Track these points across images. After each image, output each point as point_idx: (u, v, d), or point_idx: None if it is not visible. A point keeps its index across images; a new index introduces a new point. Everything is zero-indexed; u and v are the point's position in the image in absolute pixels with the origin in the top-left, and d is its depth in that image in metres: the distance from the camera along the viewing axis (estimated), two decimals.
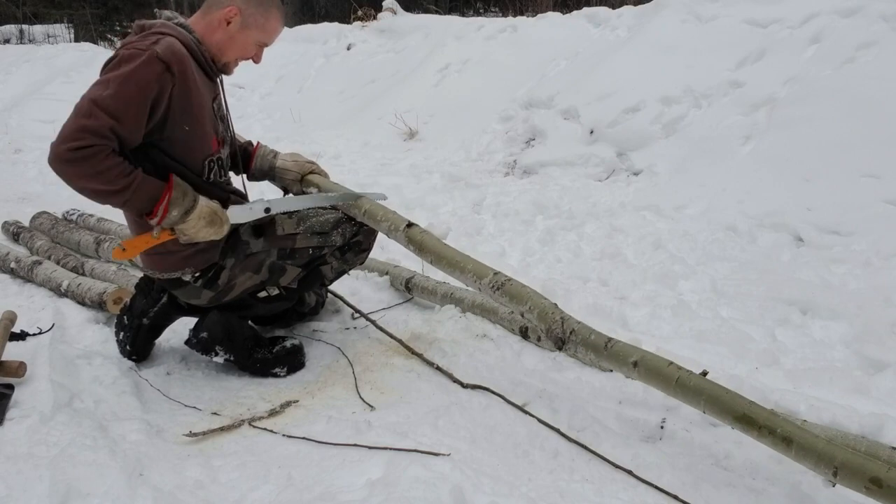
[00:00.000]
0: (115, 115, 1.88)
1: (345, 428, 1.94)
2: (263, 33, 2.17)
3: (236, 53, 2.18)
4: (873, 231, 3.10)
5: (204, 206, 2.06)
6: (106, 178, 1.89)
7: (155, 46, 1.93)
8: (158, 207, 1.98)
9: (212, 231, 2.08)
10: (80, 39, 13.44)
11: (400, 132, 5.87)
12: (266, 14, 2.14)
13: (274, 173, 2.48)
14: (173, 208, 1.99)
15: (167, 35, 1.99)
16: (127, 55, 1.92)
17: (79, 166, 1.86)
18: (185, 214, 2.02)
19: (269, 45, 2.23)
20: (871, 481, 1.38)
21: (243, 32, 2.13)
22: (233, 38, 2.13)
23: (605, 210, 3.87)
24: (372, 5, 8.77)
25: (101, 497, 1.61)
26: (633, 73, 5.00)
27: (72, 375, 2.17)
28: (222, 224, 2.11)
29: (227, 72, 2.23)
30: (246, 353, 2.31)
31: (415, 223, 2.30)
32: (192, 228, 2.04)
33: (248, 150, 2.48)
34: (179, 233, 2.06)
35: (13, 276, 3.15)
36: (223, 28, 2.11)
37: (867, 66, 4.03)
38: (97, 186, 1.91)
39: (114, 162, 1.90)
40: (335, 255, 2.42)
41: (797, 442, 1.49)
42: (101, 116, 1.86)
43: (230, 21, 2.11)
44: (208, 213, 2.06)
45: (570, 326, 1.92)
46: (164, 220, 2.00)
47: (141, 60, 1.90)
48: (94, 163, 1.86)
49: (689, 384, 1.67)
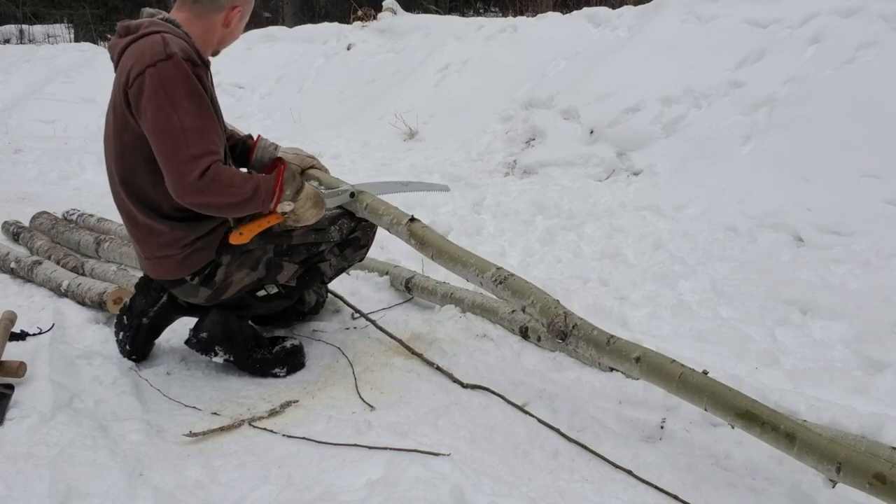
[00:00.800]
0: (204, 127, 1.97)
1: (345, 428, 1.94)
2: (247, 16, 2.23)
3: (229, 43, 2.25)
4: (873, 231, 3.10)
5: (309, 187, 2.23)
6: (237, 190, 2.02)
7: (170, 48, 1.95)
8: (275, 189, 2.11)
9: (316, 212, 2.23)
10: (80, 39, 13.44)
11: (400, 132, 5.87)
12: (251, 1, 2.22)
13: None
14: (287, 188, 2.15)
15: (163, 32, 2.00)
16: (163, 71, 1.93)
17: (212, 190, 1.97)
18: (296, 194, 2.17)
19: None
20: (875, 477, 1.38)
21: (240, 24, 2.20)
22: (232, 31, 2.19)
23: (605, 210, 3.87)
24: (372, 5, 8.77)
25: (101, 497, 1.61)
26: (633, 73, 5.00)
27: (72, 375, 2.17)
28: (323, 206, 2.26)
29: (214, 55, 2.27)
30: (245, 354, 2.31)
31: (417, 218, 2.30)
32: (302, 208, 2.19)
33: (248, 143, 2.48)
34: (290, 213, 2.19)
35: (13, 276, 3.15)
36: (226, 27, 2.15)
37: (867, 66, 4.03)
38: (231, 200, 2.02)
39: (232, 172, 2.04)
40: (334, 251, 2.41)
41: (800, 438, 1.49)
42: (196, 136, 1.95)
43: (231, 22, 2.14)
44: (314, 195, 2.22)
45: (573, 321, 1.92)
46: (280, 200, 2.13)
47: (178, 71, 1.94)
48: (221, 179, 1.98)
49: (692, 381, 1.67)
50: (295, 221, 2.23)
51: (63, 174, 5.54)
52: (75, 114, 7.58)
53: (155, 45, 1.96)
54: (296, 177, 2.21)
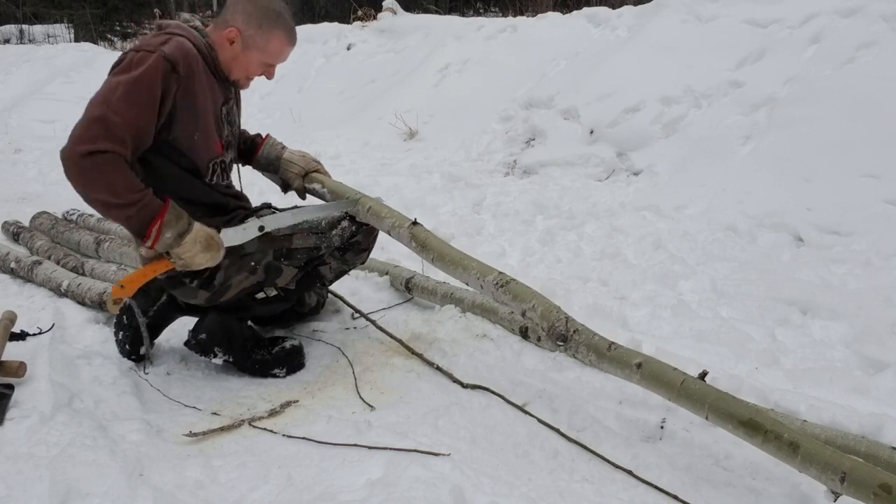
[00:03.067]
0: (129, 118, 1.89)
1: (345, 428, 1.94)
2: (265, 55, 2.15)
3: (241, 72, 2.18)
4: (873, 231, 3.10)
5: (199, 230, 2.02)
6: (115, 191, 1.89)
7: (163, 46, 1.95)
8: (152, 229, 1.94)
9: (207, 256, 2.04)
10: (80, 39, 13.44)
11: (400, 132, 5.87)
12: (267, 36, 2.11)
13: (279, 164, 2.48)
14: (166, 230, 1.95)
15: (178, 35, 2.01)
16: (137, 58, 1.93)
17: (92, 174, 1.86)
18: (178, 237, 1.98)
19: (278, 63, 2.21)
20: (881, 487, 1.35)
21: (245, 53, 2.13)
22: (236, 57, 2.14)
23: (605, 210, 3.87)
24: (372, 5, 8.77)
25: (101, 497, 1.61)
26: (633, 73, 5.00)
27: (72, 375, 2.17)
28: (218, 249, 2.07)
29: (240, 87, 2.25)
30: (245, 355, 2.31)
31: (419, 222, 2.30)
32: (188, 253, 2.00)
33: (256, 141, 2.49)
34: (175, 258, 2.02)
35: (13, 276, 3.15)
36: (227, 47, 2.13)
37: (867, 66, 4.03)
38: (105, 197, 1.90)
39: (126, 175, 1.90)
40: (334, 255, 2.41)
41: (804, 448, 1.47)
42: (115, 121, 1.87)
43: (233, 41, 2.11)
44: (204, 238, 2.03)
45: (574, 326, 1.92)
46: (157, 242, 1.96)
47: (149, 63, 1.91)
48: (108, 172, 1.86)
49: (694, 389, 1.66)
50: (184, 266, 2.04)
51: (63, 174, 5.53)
52: (75, 114, 7.42)
53: (156, 39, 1.98)
54: (181, 219, 1.98)
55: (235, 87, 2.27)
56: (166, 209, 1.96)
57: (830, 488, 1.45)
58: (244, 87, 2.26)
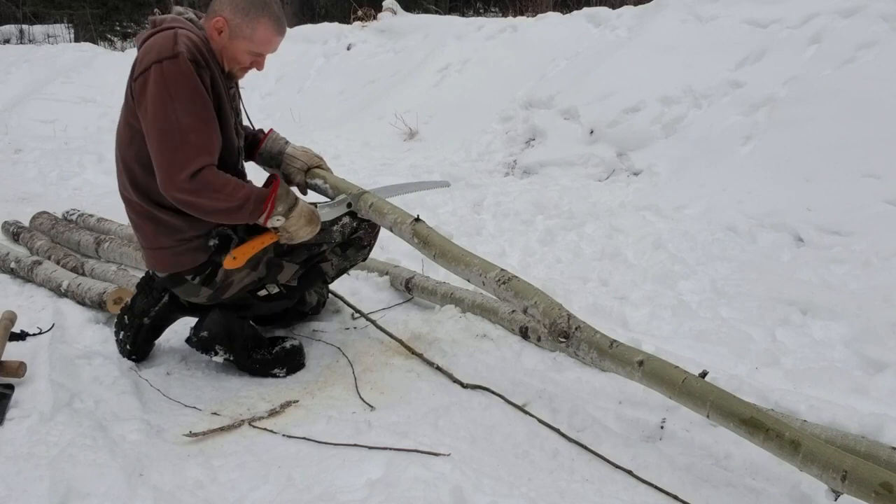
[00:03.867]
0: (201, 128, 1.97)
1: (345, 428, 1.94)
2: (252, 43, 2.13)
3: (231, 63, 2.17)
4: (873, 231, 3.10)
5: (304, 205, 2.18)
6: (227, 197, 2.01)
7: (178, 47, 1.95)
8: (267, 204, 2.09)
9: (309, 229, 2.20)
10: (80, 39, 13.44)
11: (400, 132, 5.87)
12: (253, 24, 2.10)
13: (281, 158, 2.48)
14: (279, 204, 2.11)
15: (179, 28, 2.02)
16: (166, 69, 1.94)
17: (202, 192, 1.98)
18: (289, 211, 2.13)
19: (266, 53, 2.20)
20: (882, 486, 1.35)
21: (233, 42, 2.12)
22: (225, 47, 2.13)
23: (605, 210, 3.87)
24: (372, 5, 8.77)
25: (101, 497, 1.61)
26: (632, 73, 5.00)
27: (72, 375, 2.17)
28: (318, 223, 2.23)
29: (233, 77, 2.24)
30: (245, 354, 2.31)
31: (421, 219, 2.30)
32: (295, 225, 2.16)
33: (258, 136, 2.49)
34: (283, 231, 2.16)
35: (13, 276, 3.15)
36: (215, 38, 2.12)
37: (867, 66, 4.03)
38: (221, 206, 2.02)
39: (227, 179, 2.03)
40: (335, 251, 2.41)
41: (805, 446, 1.47)
42: (191, 137, 1.95)
43: (221, 31, 2.10)
44: (308, 212, 2.19)
45: (576, 323, 1.92)
46: (270, 215, 2.10)
47: (181, 69, 1.94)
48: (212, 183, 1.98)
49: (695, 387, 1.66)
50: (289, 239, 2.20)
51: (63, 174, 5.55)
52: (75, 114, 7.58)
53: (166, 41, 1.97)
54: (289, 194, 2.16)
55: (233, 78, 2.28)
56: (277, 185, 2.13)
57: (831, 487, 1.45)
58: (239, 78, 2.25)
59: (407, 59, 7.22)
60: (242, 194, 2.04)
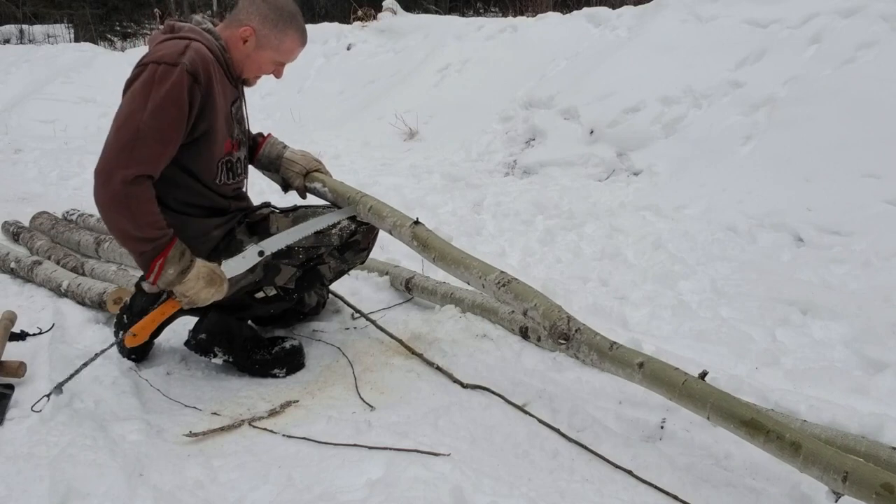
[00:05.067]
0: (162, 138, 1.92)
1: (345, 428, 1.94)
2: (278, 54, 2.16)
3: (253, 71, 2.19)
4: (873, 231, 3.10)
5: (201, 266, 2.04)
6: (139, 224, 1.92)
7: (183, 58, 1.94)
8: (155, 264, 1.96)
9: (212, 291, 2.07)
10: (80, 39, 13.46)
11: (400, 132, 5.88)
12: (281, 36, 2.13)
13: (280, 163, 2.48)
14: (169, 267, 1.97)
15: (194, 41, 2.01)
16: (160, 72, 1.92)
17: (125, 203, 1.88)
18: (181, 274, 2.00)
19: (289, 62, 2.22)
20: (883, 487, 1.34)
21: (258, 52, 2.14)
22: (249, 56, 2.14)
23: (605, 210, 3.87)
24: (372, 5, 8.77)
25: (101, 497, 1.61)
26: (633, 73, 5.00)
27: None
28: (222, 283, 2.09)
29: (248, 84, 2.25)
30: (245, 355, 2.31)
31: (421, 221, 2.30)
32: (192, 290, 2.03)
33: (257, 141, 2.49)
34: (180, 296, 2.04)
35: (13, 276, 3.15)
36: (240, 47, 2.13)
37: (867, 66, 4.03)
38: (128, 228, 1.92)
39: (154, 209, 1.94)
40: (333, 254, 2.41)
41: (806, 448, 1.46)
42: (148, 142, 1.89)
43: (246, 40, 2.12)
44: (206, 273, 2.05)
45: (576, 325, 1.92)
46: (159, 278, 1.98)
47: (174, 79, 1.91)
48: (142, 204, 1.90)
49: (695, 389, 1.66)
50: (190, 304, 2.06)
51: (63, 174, 5.55)
52: (75, 114, 7.59)
53: (174, 48, 1.97)
54: (184, 255, 2.00)
55: (242, 85, 2.28)
56: (171, 246, 1.98)
57: (832, 488, 1.44)
58: (252, 84, 2.26)
59: (407, 59, 7.22)
60: (150, 233, 1.93)
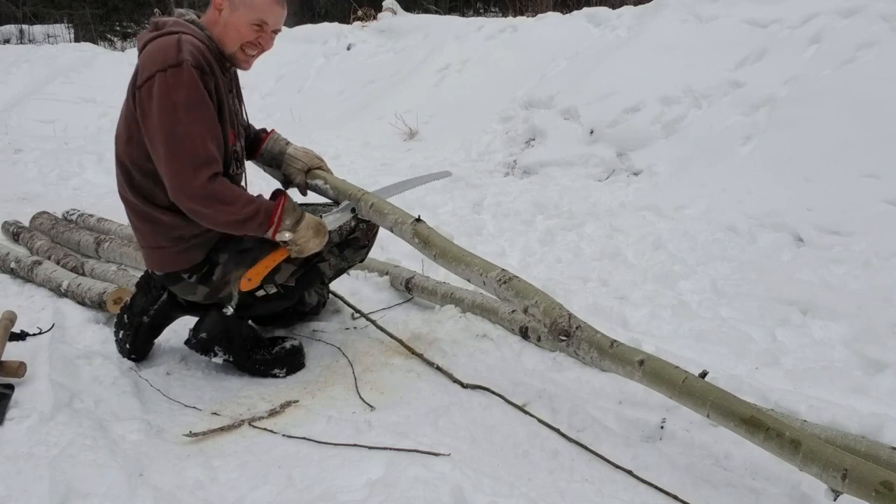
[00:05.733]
0: (207, 135, 1.99)
1: (345, 428, 1.94)
2: (252, 10, 2.09)
3: (235, 39, 2.12)
4: (873, 231, 3.10)
5: (310, 217, 2.19)
6: (236, 209, 2.03)
7: (182, 54, 1.94)
8: (274, 217, 2.10)
9: (318, 241, 2.21)
10: (80, 39, 13.45)
11: (400, 132, 5.88)
12: None
13: (282, 159, 2.48)
14: (286, 217, 2.12)
15: (181, 33, 2.01)
16: (171, 78, 1.93)
17: (212, 202, 2.00)
18: (296, 223, 2.14)
19: (270, 23, 2.13)
20: (882, 485, 1.35)
21: (234, 15, 2.09)
22: (227, 24, 2.10)
23: (605, 210, 3.87)
24: (372, 5, 8.77)
25: (101, 497, 1.61)
26: (632, 73, 5.00)
27: (72, 375, 2.17)
28: (326, 234, 2.23)
29: (239, 64, 2.19)
30: (245, 354, 2.31)
31: (422, 219, 2.30)
32: (303, 238, 2.16)
33: (259, 136, 2.49)
34: (291, 244, 2.17)
35: (13, 276, 3.15)
36: (218, 18, 2.11)
37: (867, 66, 4.03)
38: (230, 218, 2.04)
39: (235, 191, 2.06)
40: (333, 252, 2.41)
41: (805, 445, 1.46)
42: (197, 144, 1.96)
43: (221, 9, 2.09)
44: (315, 224, 2.19)
45: (577, 322, 1.92)
46: (278, 228, 2.11)
47: (185, 77, 1.94)
48: (222, 194, 2.01)
49: (695, 387, 1.66)
50: (298, 252, 2.20)
51: (63, 174, 5.55)
52: (75, 114, 7.59)
53: (169, 48, 1.96)
54: (296, 208, 2.18)
55: (235, 74, 2.27)
56: (285, 199, 2.15)
57: (831, 486, 1.45)
58: (242, 65, 2.20)
59: (407, 59, 7.22)
60: (251, 208, 2.06)
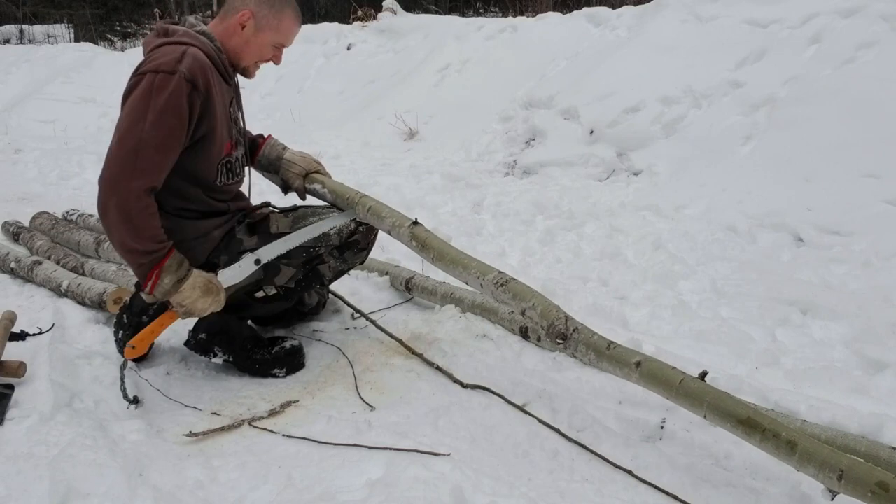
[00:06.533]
0: (164, 148, 1.93)
1: (345, 428, 1.94)
2: (278, 34, 2.16)
3: (254, 57, 2.18)
4: (873, 231, 3.10)
5: (197, 276, 2.05)
6: (141, 237, 1.94)
7: (180, 66, 1.94)
8: (152, 274, 1.97)
9: (209, 301, 2.08)
10: (80, 39, 13.46)
11: (400, 132, 5.88)
12: (279, 15, 2.14)
13: (280, 164, 2.48)
14: (165, 276, 1.99)
15: (190, 45, 2.00)
16: (158, 81, 1.92)
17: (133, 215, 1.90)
18: (177, 283, 2.01)
19: (287, 45, 2.22)
20: (878, 485, 1.35)
21: (258, 35, 2.13)
22: (248, 41, 2.13)
23: (605, 210, 3.88)
24: (372, 5, 8.77)
25: (101, 497, 1.61)
26: (632, 73, 5.01)
27: (72, 375, 2.17)
28: (218, 292, 2.10)
29: (248, 75, 2.24)
30: (245, 354, 2.31)
31: (419, 222, 2.30)
32: (188, 299, 2.03)
33: (257, 142, 2.49)
34: (177, 306, 2.05)
35: (13, 276, 3.15)
36: (239, 33, 2.12)
37: (867, 66, 4.03)
38: (127, 239, 1.93)
39: (156, 223, 1.96)
40: (333, 254, 2.41)
41: (802, 446, 1.47)
42: (150, 152, 1.91)
43: (245, 25, 2.11)
44: (202, 283, 2.06)
45: (574, 325, 1.92)
46: (155, 287, 1.99)
47: (172, 87, 1.91)
48: (145, 217, 1.92)
49: (692, 388, 1.66)
50: (187, 314, 2.07)
51: (63, 174, 5.55)
52: (75, 114, 7.59)
53: (172, 56, 1.96)
54: (181, 266, 2.02)
55: (238, 81, 2.27)
56: (168, 256, 2.00)
57: (828, 486, 1.45)
58: (250, 76, 2.24)
59: (407, 59, 7.22)
60: (149, 245, 1.95)
